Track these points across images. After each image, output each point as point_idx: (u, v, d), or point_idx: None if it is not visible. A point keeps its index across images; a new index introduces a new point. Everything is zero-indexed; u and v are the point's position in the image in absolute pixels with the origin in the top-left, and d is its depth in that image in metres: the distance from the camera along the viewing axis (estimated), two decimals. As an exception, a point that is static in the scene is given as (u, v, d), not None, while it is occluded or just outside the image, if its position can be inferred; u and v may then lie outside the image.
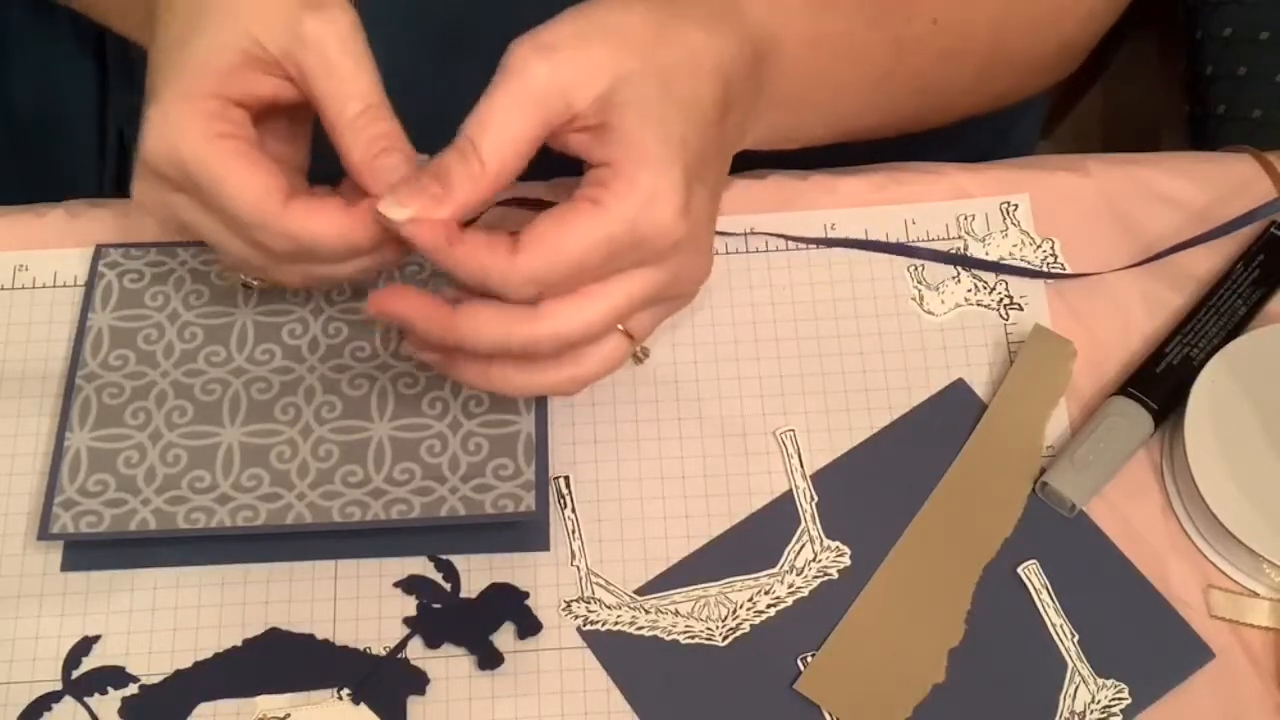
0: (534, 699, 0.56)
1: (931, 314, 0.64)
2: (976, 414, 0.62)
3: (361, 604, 0.58)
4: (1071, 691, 0.56)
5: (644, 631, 0.58)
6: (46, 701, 0.56)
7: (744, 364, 0.63)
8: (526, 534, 0.59)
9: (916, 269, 0.65)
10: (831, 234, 0.66)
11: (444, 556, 0.59)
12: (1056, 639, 0.57)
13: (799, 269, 0.65)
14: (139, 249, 0.64)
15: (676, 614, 0.58)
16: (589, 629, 0.58)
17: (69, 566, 0.59)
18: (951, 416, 0.62)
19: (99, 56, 0.84)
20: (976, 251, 0.65)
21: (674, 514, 0.60)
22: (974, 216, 0.66)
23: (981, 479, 0.60)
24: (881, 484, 0.60)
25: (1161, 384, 0.61)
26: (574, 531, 0.60)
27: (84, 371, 0.61)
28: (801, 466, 0.61)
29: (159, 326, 0.63)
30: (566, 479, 0.61)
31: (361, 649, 0.57)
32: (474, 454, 0.59)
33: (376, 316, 0.56)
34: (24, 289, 0.65)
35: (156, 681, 0.57)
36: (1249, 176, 0.67)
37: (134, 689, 0.57)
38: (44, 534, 0.58)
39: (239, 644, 0.57)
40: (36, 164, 0.85)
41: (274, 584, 0.59)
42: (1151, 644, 0.57)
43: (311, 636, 0.58)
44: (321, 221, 0.53)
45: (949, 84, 0.67)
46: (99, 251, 0.65)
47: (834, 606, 0.58)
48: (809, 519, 0.60)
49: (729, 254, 0.65)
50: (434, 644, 0.57)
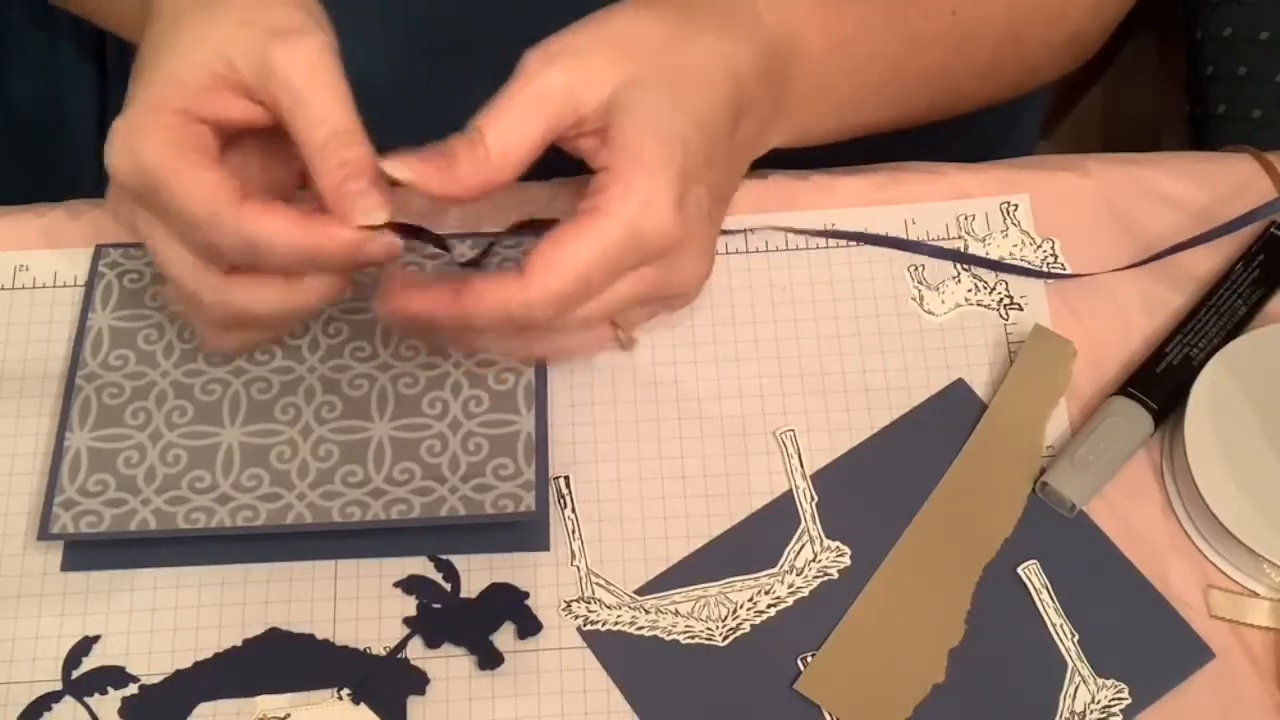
0: (534, 699, 0.56)
1: (931, 314, 0.64)
2: (976, 414, 0.62)
3: (361, 604, 0.58)
4: (1071, 691, 0.56)
5: (644, 631, 0.58)
6: (46, 701, 0.56)
7: (744, 364, 0.63)
8: (526, 534, 0.59)
9: (917, 269, 0.65)
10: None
11: (444, 556, 0.59)
12: (1056, 639, 0.57)
13: (799, 269, 0.65)
14: (139, 249, 0.64)
15: (676, 614, 0.58)
16: (589, 629, 0.58)
17: (69, 566, 0.59)
18: (951, 416, 0.62)
19: (99, 57, 0.84)
20: (977, 252, 0.65)
21: (674, 514, 0.60)
22: (974, 216, 0.66)
23: (981, 479, 0.60)
24: (881, 484, 0.60)
25: (1161, 384, 0.61)
26: (574, 531, 0.60)
27: (84, 371, 0.61)
28: (801, 466, 0.61)
29: (159, 326, 0.63)
30: (566, 479, 0.61)
31: (361, 649, 0.57)
32: (474, 454, 0.59)
33: (389, 317, 0.57)
34: (24, 289, 0.65)
35: (156, 681, 0.57)
36: (1249, 176, 0.67)
37: (134, 689, 0.57)
38: (44, 534, 0.58)
39: (239, 644, 0.57)
40: (36, 164, 0.85)
41: (274, 584, 0.59)
42: (1151, 644, 0.57)
43: (311, 636, 0.58)
44: (275, 222, 0.52)
45: (963, 76, 0.67)
46: (99, 251, 0.65)
47: (834, 606, 0.58)
48: (809, 519, 0.60)
49: (729, 254, 0.65)
50: (434, 644, 0.57)
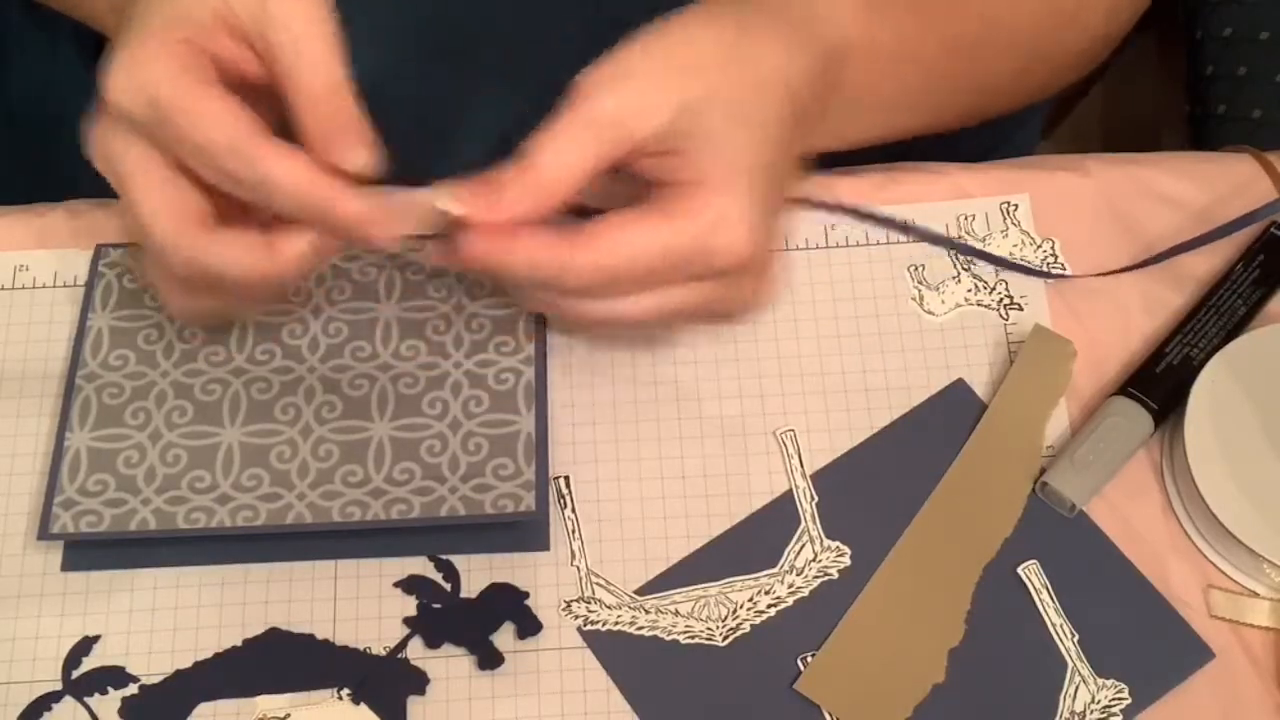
0: (534, 699, 0.56)
1: (931, 314, 0.64)
2: (976, 414, 0.62)
3: (361, 604, 0.58)
4: (1071, 691, 0.56)
5: (644, 631, 0.58)
6: (46, 701, 0.56)
7: (744, 364, 0.63)
8: (526, 534, 0.59)
9: (917, 269, 0.65)
10: (831, 233, 0.66)
11: (444, 556, 0.59)
12: (1056, 639, 0.57)
13: (799, 269, 0.65)
14: (140, 248, 0.64)
15: (676, 614, 0.58)
16: (589, 629, 0.58)
17: (69, 566, 0.59)
18: (951, 416, 0.62)
19: (99, 57, 0.84)
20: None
21: (674, 514, 0.60)
22: (974, 216, 0.66)
23: (981, 479, 0.60)
24: (881, 484, 0.60)
25: (1161, 384, 0.61)
26: (574, 531, 0.60)
27: (84, 371, 0.61)
28: (801, 466, 0.61)
29: (159, 326, 0.63)
30: (566, 479, 0.61)
31: (361, 649, 0.57)
32: (474, 454, 0.59)
33: (469, 261, 0.54)
34: (24, 289, 0.65)
35: (156, 681, 0.57)
36: (1249, 176, 0.67)
37: (134, 689, 0.57)
38: (44, 534, 0.58)
39: (239, 644, 0.57)
40: (36, 164, 0.85)
41: (274, 584, 0.59)
42: (1151, 644, 0.57)
43: (311, 636, 0.58)
44: (294, 166, 0.51)
45: (993, 80, 0.67)
46: (99, 251, 0.65)
47: (834, 606, 0.58)
48: (809, 519, 0.60)
49: (729, 254, 0.65)
50: (434, 644, 0.57)
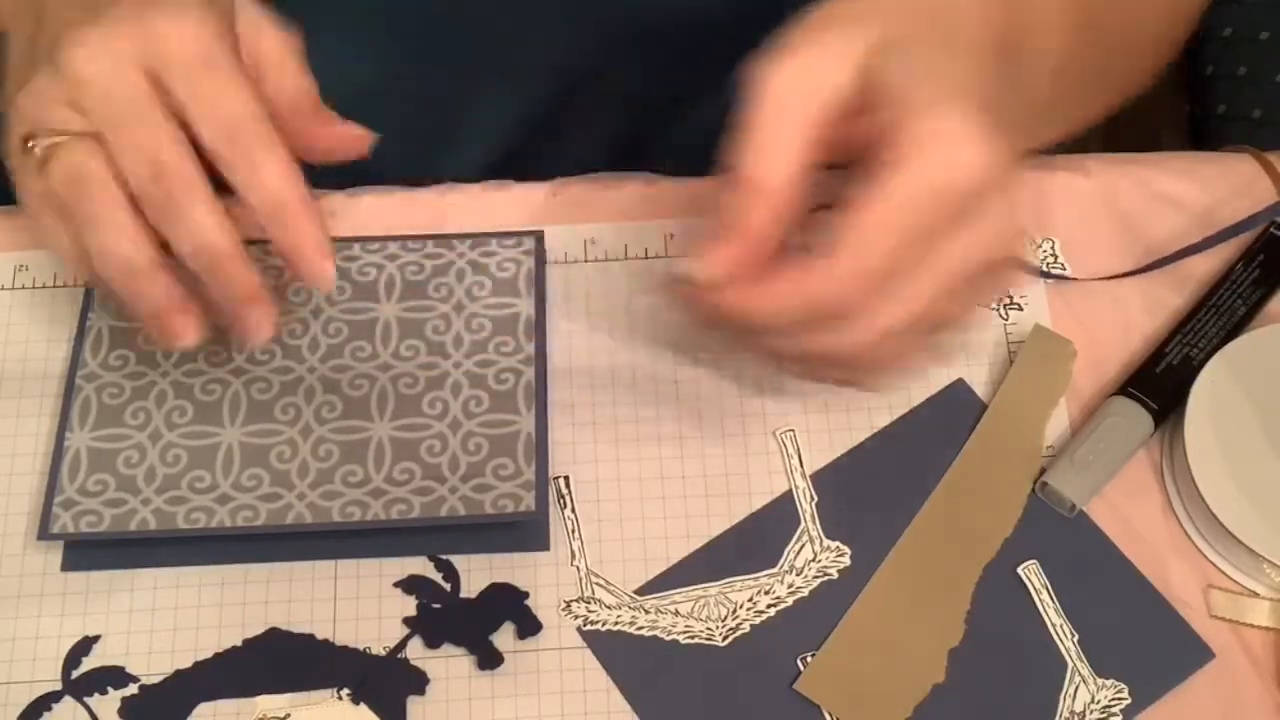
0: (534, 699, 0.56)
1: (931, 314, 0.64)
2: (976, 414, 0.62)
3: (361, 604, 0.58)
4: (1071, 691, 0.56)
5: (644, 631, 0.58)
6: (46, 701, 0.56)
7: (744, 364, 0.63)
8: (526, 534, 0.59)
9: (916, 269, 0.65)
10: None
11: (444, 557, 0.59)
12: (1056, 639, 0.57)
13: (799, 269, 0.65)
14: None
15: (676, 614, 0.58)
16: (589, 629, 0.58)
17: (69, 566, 0.59)
18: (951, 416, 0.62)
19: None
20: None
21: (674, 514, 0.60)
22: (974, 216, 0.66)
23: (981, 479, 0.60)
24: (881, 484, 0.60)
25: (1161, 384, 0.61)
26: (574, 531, 0.60)
27: (84, 371, 0.61)
28: (801, 466, 0.61)
29: None
30: (566, 479, 0.61)
31: (361, 649, 0.57)
32: (474, 454, 0.59)
33: (733, 319, 0.52)
34: (24, 289, 0.65)
35: (156, 681, 0.57)
36: (1249, 177, 0.67)
37: (134, 689, 0.57)
38: (44, 534, 0.58)
39: (239, 644, 0.57)
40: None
41: (274, 584, 0.59)
42: (1151, 644, 0.57)
43: (311, 636, 0.58)
44: (291, 165, 0.52)
45: (1125, 81, 0.65)
46: None
47: (834, 606, 0.58)
48: (809, 519, 0.60)
49: (729, 254, 0.65)
50: (434, 644, 0.57)
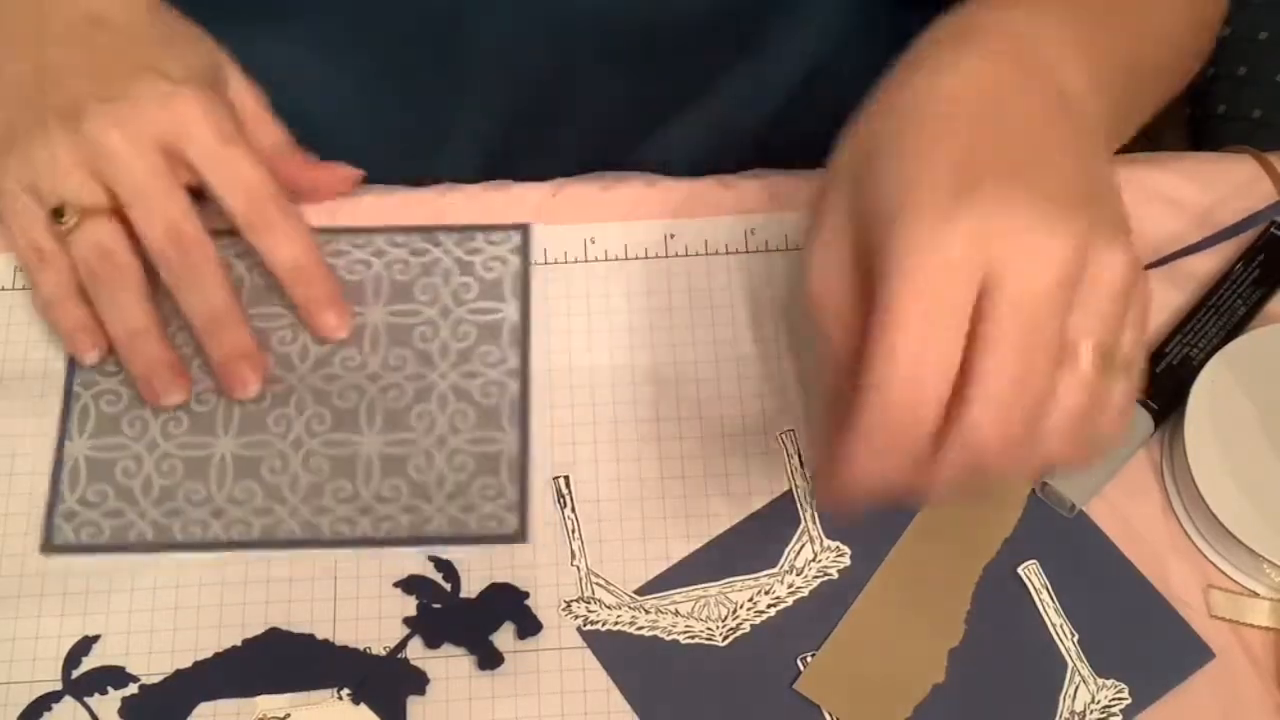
0: (534, 699, 0.56)
1: (931, 314, 0.64)
2: (976, 414, 0.62)
3: (361, 604, 0.58)
4: (1071, 691, 0.56)
5: (644, 631, 0.58)
6: (46, 701, 0.56)
7: (744, 364, 0.63)
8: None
9: (916, 269, 0.65)
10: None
11: (444, 557, 0.59)
12: (1056, 639, 0.57)
13: (798, 268, 0.65)
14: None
15: (676, 614, 0.58)
16: (589, 629, 0.58)
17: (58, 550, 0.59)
18: (951, 416, 0.62)
19: None
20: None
21: (674, 514, 0.60)
22: (974, 216, 0.66)
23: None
24: (881, 484, 0.60)
25: (1161, 384, 0.61)
26: (574, 531, 0.60)
27: (81, 378, 0.62)
28: (801, 466, 0.61)
29: None
30: (566, 479, 0.61)
31: (361, 649, 0.57)
32: (459, 471, 0.60)
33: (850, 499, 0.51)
34: (24, 289, 0.65)
35: (156, 681, 0.57)
36: (1249, 177, 0.67)
37: (134, 689, 0.57)
38: (47, 547, 0.59)
39: (239, 644, 0.57)
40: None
41: (274, 584, 0.59)
42: (1151, 644, 0.57)
43: (311, 636, 0.58)
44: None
45: (1156, 100, 0.65)
46: None
47: (834, 606, 0.58)
48: (809, 519, 0.60)
49: (728, 254, 0.65)
50: (434, 644, 0.57)
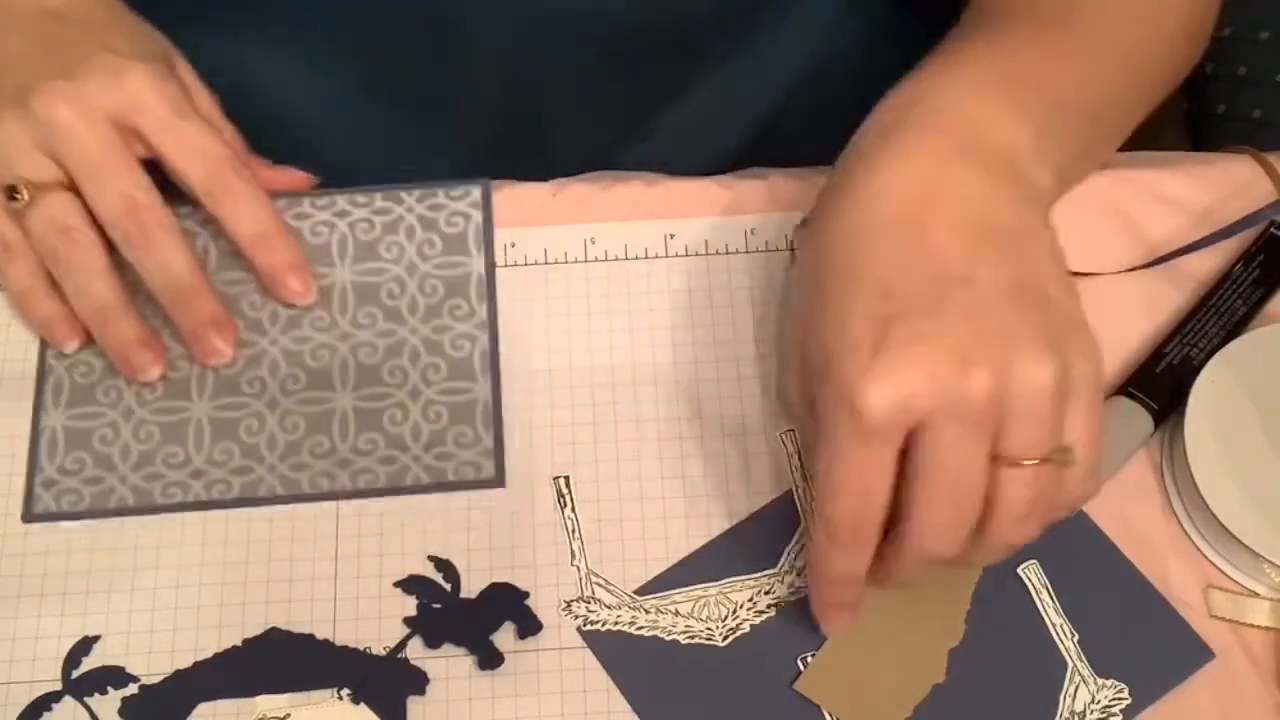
0: (534, 699, 0.56)
1: (931, 314, 0.64)
2: (976, 414, 0.62)
3: (361, 604, 0.58)
4: (1071, 691, 0.56)
5: (644, 631, 0.58)
6: (46, 701, 0.56)
7: (744, 364, 0.63)
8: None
9: (916, 269, 0.65)
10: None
11: (444, 557, 0.59)
12: (1056, 639, 0.57)
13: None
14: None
15: (676, 614, 0.58)
16: (589, 629, 0.58)
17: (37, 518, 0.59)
18: (951, 416, 0.62)
19: None
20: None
21: (674, 514, 0.60)
22: (974, 216, 0.66)
23: (981, 479, 0.60)
24: (881, 484, 0.60)
25: (1161, 384, 0.61)
26: (574, 531, 0.60)
27: (54, 351, 0.62)
28: (801, 466, 0.61)
29: None
30: (566, 479, 0.61)
31: (361, 649, 0.57)
32: (434, 422, 0.61)
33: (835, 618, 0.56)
34: None
35: (156, 681, 0.57)
36: (1249, 177, 0.67)
37: (134, 689, 0.57)
38: (28, 515, 0.59)
39: (239, 644, 0.57)
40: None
41: (274, 584, 0.59)
42: (1151, 644, 0.57)
43: (311, 636, 0.58)
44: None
45: (1133, 121, 0.65)
46: None
47: (834, 606, 0.58)
48: (809, 519, 0.60)
49: (728, 254, 0.65)
50: (434, 644, 0.57)
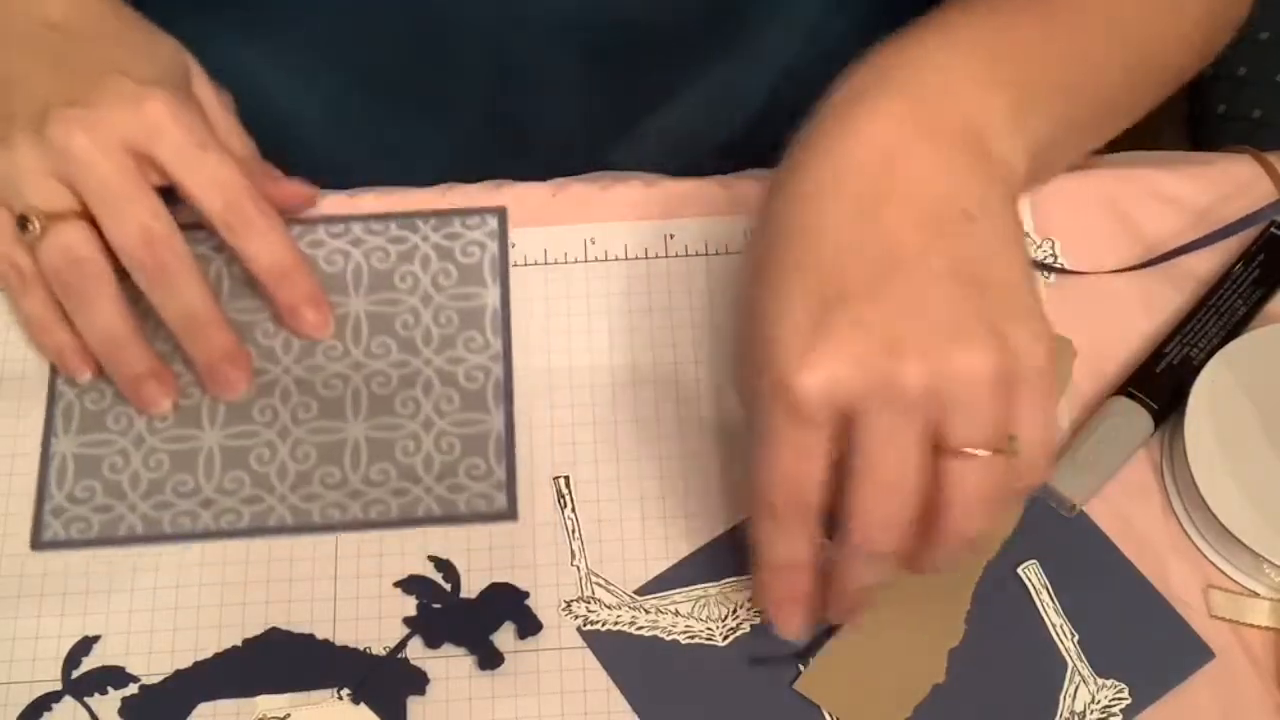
0: (534, 699, 0.56)
1: (931, 314, 0.64)
2: (976, 414, 0.62)
3: (361, 604, 0.58)
4: (1071, 691, 0.56)
5: (644, 631, 0.58)
6: (46, 701, 0.56)
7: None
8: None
9: (916, 269, 0.65)
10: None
11: (444, 557, 0.59)
12: (1056, 639, 0.57)
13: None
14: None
15: (676, 614, 0.58)
16: (589, 629, 0.58)
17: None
18: (951, 416, 0.62)
19: None
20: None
21: (674, 514, 0.60)
22: (974, 216, 0.66)
23: (981, 479, 0.60)
24: (881, 484, 0.60)
25: (1161, 384, 0.61)
26: (574, 531, 0.60)
27: (65, 376, 0.62)
28: (799, 466, 0.61)
29: None
30: (566, 479, 0.61)
31: (361, 649, 0.57)
32: (447, 453, 0.60)
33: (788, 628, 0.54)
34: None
35: (156, 681, 0.57)
36: (1249, 177, 0.67)
37: (134, 689, 0.57)
38: (37, 543, 0.59)
39: (239, 644, 0.57)
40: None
41: (274, 584, 0.59)
42: (1151, 644, 0.57)
43: (311, 636, 0.58)
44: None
45: (1134, 113, 0.64)
46: None
47: (834, 606, 0.58)
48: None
49: (728, 254, 0.65)
50: (434, 644, 0.57)
